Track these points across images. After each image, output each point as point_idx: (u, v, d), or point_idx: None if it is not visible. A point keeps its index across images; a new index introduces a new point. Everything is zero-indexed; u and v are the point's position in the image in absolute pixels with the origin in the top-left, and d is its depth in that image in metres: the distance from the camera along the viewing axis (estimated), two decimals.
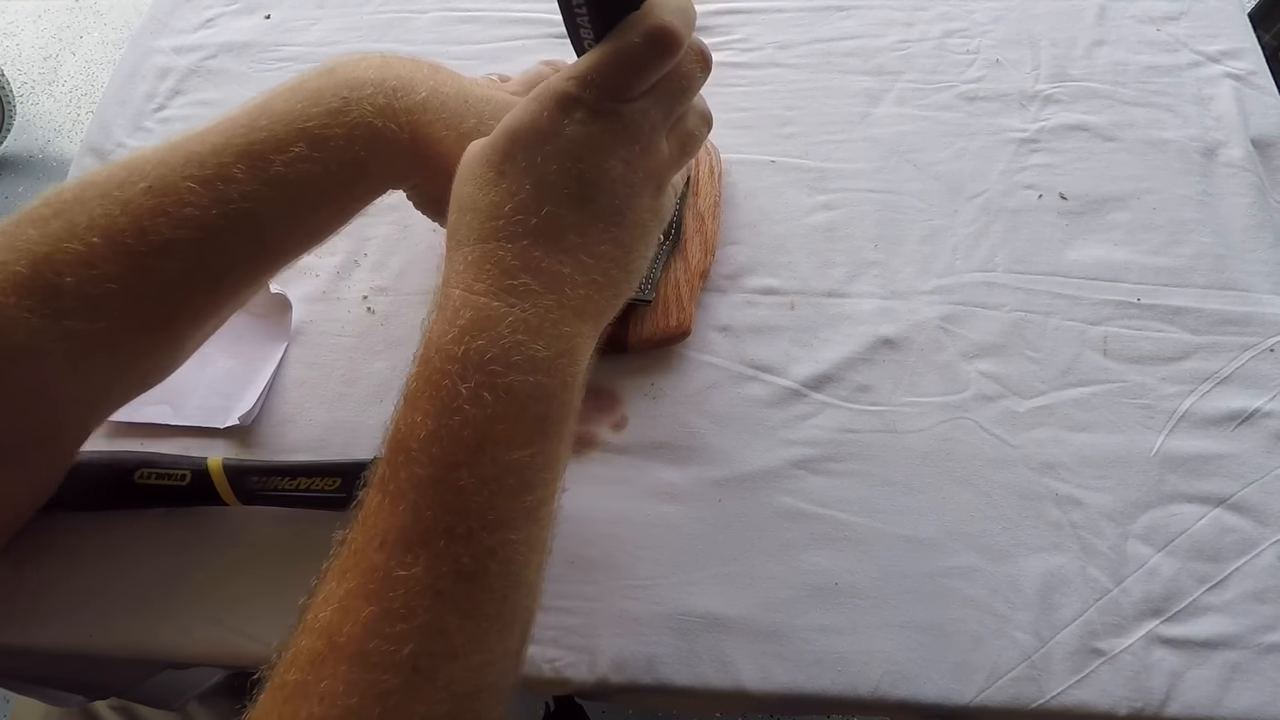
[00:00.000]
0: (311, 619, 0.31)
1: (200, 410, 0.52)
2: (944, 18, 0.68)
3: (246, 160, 0.38)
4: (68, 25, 2.00)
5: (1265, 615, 0.45)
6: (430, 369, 0.32)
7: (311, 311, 0.57)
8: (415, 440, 0.31)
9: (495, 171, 0.33)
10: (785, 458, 0.50)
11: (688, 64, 0.36)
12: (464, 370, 0.31)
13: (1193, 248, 0.57)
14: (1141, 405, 0.52)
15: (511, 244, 0.33)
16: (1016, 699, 0.44)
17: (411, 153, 0.41)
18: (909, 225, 0.59)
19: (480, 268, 0.33)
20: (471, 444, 0.31)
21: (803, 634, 0.46)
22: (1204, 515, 0.48)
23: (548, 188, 0.33)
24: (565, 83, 0.33)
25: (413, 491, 0.31)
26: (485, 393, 0.31)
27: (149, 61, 0.71)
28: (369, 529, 0.31)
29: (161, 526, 0.50)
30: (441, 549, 0.30)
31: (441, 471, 0.31)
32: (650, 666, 0.45)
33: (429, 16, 0.72)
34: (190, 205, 0.37)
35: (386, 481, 0.31)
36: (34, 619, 0.48)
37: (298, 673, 0.29)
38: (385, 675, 0.29)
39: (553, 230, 0.33)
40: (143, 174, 0.38)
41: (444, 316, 0.33)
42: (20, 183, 1.77)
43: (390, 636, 0.29)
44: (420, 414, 0.31)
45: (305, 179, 0.39)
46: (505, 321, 0.32)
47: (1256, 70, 0.65)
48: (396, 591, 0.29)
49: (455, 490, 0.31)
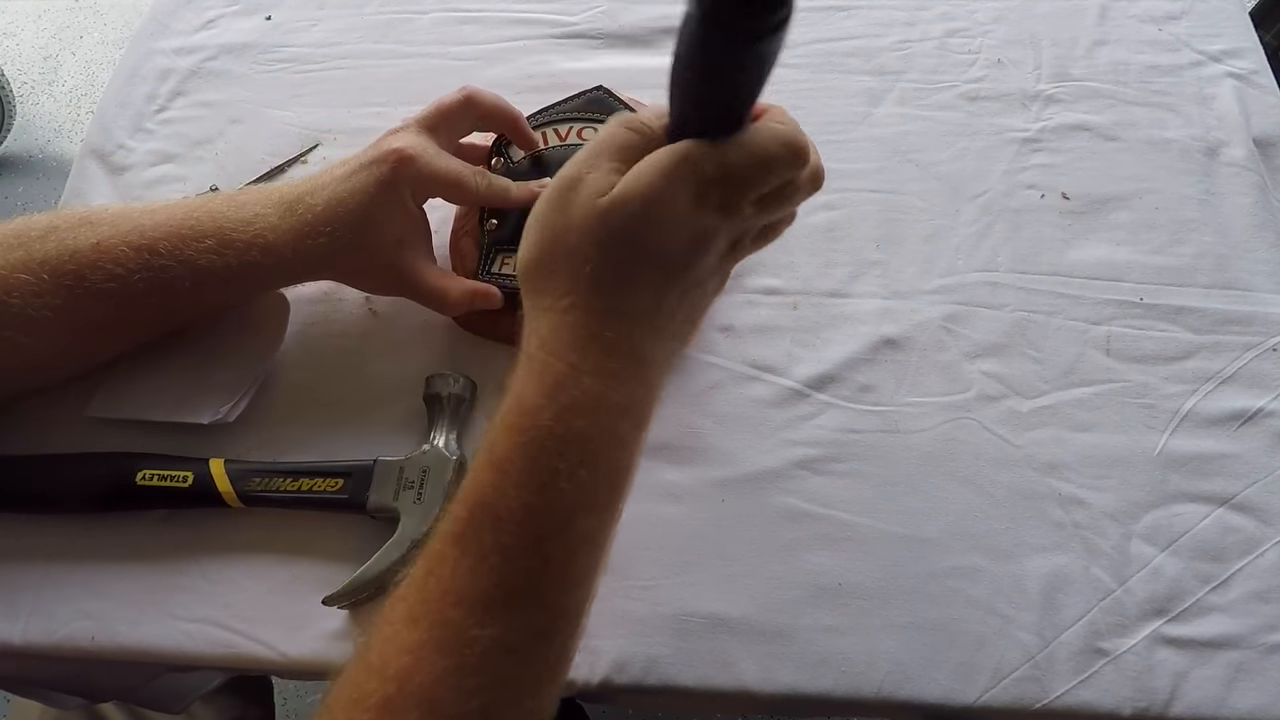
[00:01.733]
0: (379, 662, 0.32)
1: (184, 406, 0.52)
2: (945, 17, 0.68)
3: (171, 240, 0.46)
4: (68, 25, 2.00)
5: (1269, 615, 0.45)
6: (528, 441, 0.33)
7: (313, 313, 0.57)
8: (506, 509, 0.33)
9: (619, 242, 0.34)
10: (788, 458, 0.50)
11: (803, 178, 0.37)
12: (564, 449, 0.33)
13: (1195, 247, 0.57)
14: (1144, 405, 0.51)
15: (619, 324, 0.35)
16: (1020, 699, 0.44)
17: (295, 263, 0.48)
18: (911, 225, 0.59)
19: (588, 344, 0.34)
20: (562, 517, 0.33)
21: (806, 634, 0.46)
22: (1207, 515, 0.48)
23: (662, 273, 0.35)
24: (709, 167, 0.33)
25: (498, 557, 0.33)
26: (582, 470, 0.33)
27: (150, 62, 0.71)
28: (444, 583, 0.33)
29: (163, 528, 0.50)
30: (520, 612, 0.33)
31: (531, 542, 0.33)
32: (653, 667, 0.45)
33: (429, 17, 0.72)
34: (121, 266, 0.46)
35: (467, 540, 0.33)
36: (35, 621, 0.48)
37: (367, 714, 0.31)
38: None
39: (656, 315, 0.35)
40: (96, 230, 0.46)
41: (541, 388, 0.34)
42: (20, 183, 1.76)
43: (462, 689, 0.32)
44: (514, 486, 0.33)
45: (211, 266, 0.47)
46: (604, 405, 0.34)
47: (1258, 69, 0.65)
48: (472, 649, 0.32)
49: (542, 558, 0.33)
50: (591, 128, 0.58)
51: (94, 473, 0.50)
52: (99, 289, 0.45)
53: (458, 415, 0.51)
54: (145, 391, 0.53)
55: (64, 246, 0.46)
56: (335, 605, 0.46)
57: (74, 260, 0.45)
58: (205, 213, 0.48)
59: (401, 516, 0.47)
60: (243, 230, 0.47)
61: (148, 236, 0.46)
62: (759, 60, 0.32)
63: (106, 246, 0.46)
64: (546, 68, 0.68)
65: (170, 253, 0.46)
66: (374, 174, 0.48)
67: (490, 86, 0.66)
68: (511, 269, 0.53)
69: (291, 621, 0.47)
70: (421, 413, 0.52)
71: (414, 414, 0.52)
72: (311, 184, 0.49)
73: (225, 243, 0.47)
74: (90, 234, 0.46)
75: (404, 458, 0.49)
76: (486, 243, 0.54)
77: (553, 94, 0.60)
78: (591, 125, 0.58)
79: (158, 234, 0.46)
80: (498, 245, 0.54)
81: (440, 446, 0.49)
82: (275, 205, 0.48)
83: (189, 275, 0.47)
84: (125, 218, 0.47)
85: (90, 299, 0.45)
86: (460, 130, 0.53)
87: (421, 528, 0.46)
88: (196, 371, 0.53)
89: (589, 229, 0.34)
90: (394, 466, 0.48)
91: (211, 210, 0.48)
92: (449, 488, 0.48)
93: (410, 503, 0.47)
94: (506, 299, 0.54)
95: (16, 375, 0.49)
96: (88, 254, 0.45)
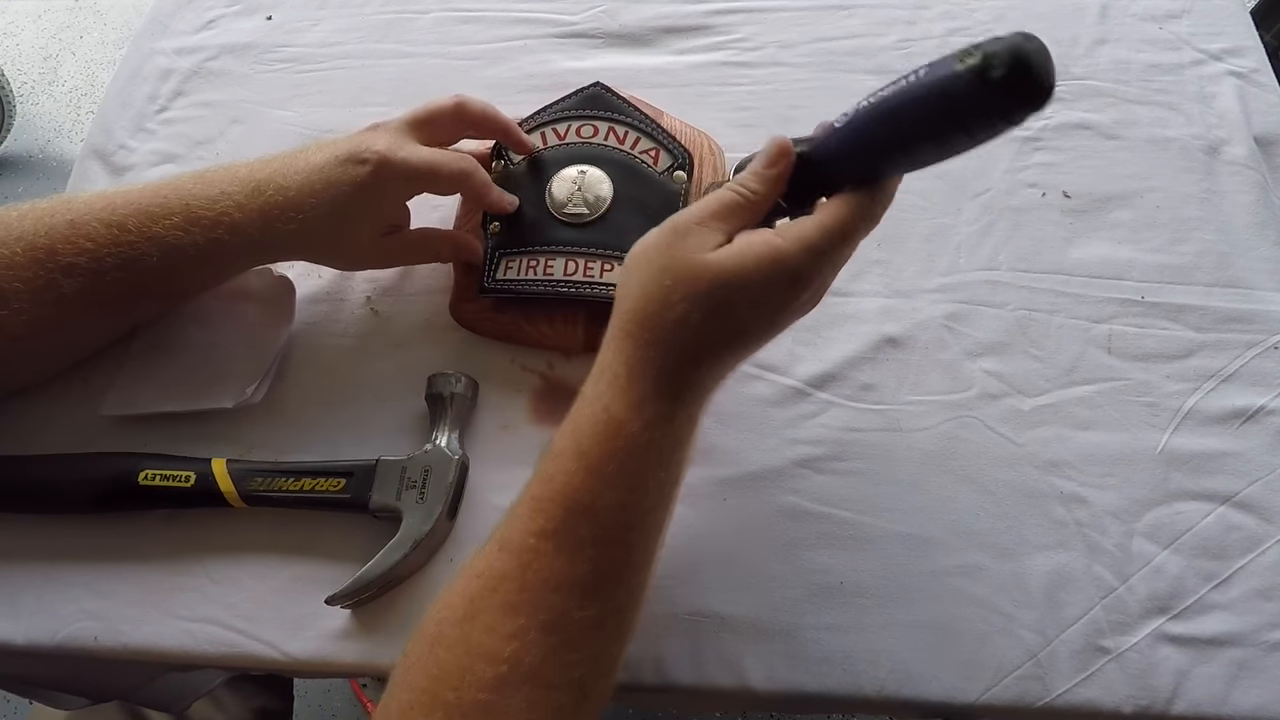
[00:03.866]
0: (486, 648, 0.35)
1: (205, 394, 0.53)
2: (946, 16, 0.68)
3: (139, 218, 0.48)
4: (68, 25, 2.00)
5: (1271, 612, 0.45)
6: (621, 448, 0.37)
7: (315, 312, 0.57)
8: (600, 509, 0.37)
9: (718, 304, 0.37)
10: (790, 457, 0.50)
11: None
12: (648, 455, 0.37)
13: (1196, 245, 0.57)
14: (1146, 403, 0.52)
15: (735, 363, 0.40)
16: (1022, 697, 0.44)
17: (262, 244, 0.49)
18: (912, 224, 0.59)
19: (678, 388, 0.38)
20: (645, 511, 0.38)
21: (808, 633, 0.46)
22: (1209, 513, 0.48)
23: (746, 338, 0.39)
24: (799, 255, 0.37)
25: (593, 549, 0.37)
26: (661, 472, 0.38)
27: (151, 63, 0.71)
28: (542, 574, 0.36)
29: (165, 528, 0.50)
30: (610, 594, 0.37)
31: (619, 533, 0.37)
32: (656, 666, 0.45)
33: (430, 17, 0.72)
34: (92, 241, 0.47)
35: (562, 536, 0.37)
36: (38, 621, 0.48)
37: (483, 693, 0.34)
38: (560, 695, 0.36)
39: (729, 364, 0.40)
40: (71, 209, 0.48)
41: (629, 402, 0.38)
42: (20, 182, 1.77)
43: (566, 664, 0.36)
44: (605, 485, 0.37)
45: (179, 244, 0.48)
46: (677, 420, 0.38)
47: (1259, 68, 0.65)
48: (573, 629, 0.36)
49: (626, 547, 0.38)
50: (590, 125, 0.57)
51: (96, 473, 0.50)
52: (69, 263, 0.47)
53: (460, 414, 0.51)
54: (159, 385, 0.53)
55: (40, 224, 0.47)
56: (338, 605, 0.46)
57: (48, 236, 0.47)
58: (173, 190, 0.49)
59: (404, 516, 0.47)
60: (209, 209, 0.48)
61: (118, 214, 0.48)
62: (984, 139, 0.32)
63: (80, 223, 0.47)
64: (547, 67, 0.68)
65: (138, 229, 0.47)
66: (352, 174, 0.48)
67: (491, 86, 0.66)
68: (516, 274, 0.53)
69: (294, 621, 0.47)
70: (423, 412, 0.52)
71: (416, 413, 0.52)
72: (283, 165, 0.49)
73: (192, 220, 0.48)
74: (66, 212, 0.48)
75: (406, 457, 0.49)
76: (490, 245, 0.54)
77: (553, 93, 0.60)
78: (590, 123, 0.57)
79: (127, 211, 0.48)
80: (501, 250, 0.54)
81: (442, 446, 0.49)
82: (242, 184, 0.49)
83: (156, 252, 0.48)
84: (100, 197, 0.49)
85: (60, 273, 0.47)
86: (447, 134, 0.53)
87: (424, 527, 0.46)
88: (209, 360, 0.54)
89: (689, 280, 0.37)
90: (396, 466, 0.48)
91: (179, 188, 0.49)
92: (451, 487, 0.48)
93: (413, 502, 0.47)
94: (509, 303, 0.54)
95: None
96: (62, 230, 0.47)
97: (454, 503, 0.49)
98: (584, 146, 0.56)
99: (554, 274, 0.52)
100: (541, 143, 0.57)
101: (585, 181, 0.54)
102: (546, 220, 0.54)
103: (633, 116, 0.57)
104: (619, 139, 0.57)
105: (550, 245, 0.53)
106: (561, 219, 0.54)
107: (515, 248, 0.54)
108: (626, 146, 0.56)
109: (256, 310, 0.55)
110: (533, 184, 0.56)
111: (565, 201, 0.54)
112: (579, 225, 0.53)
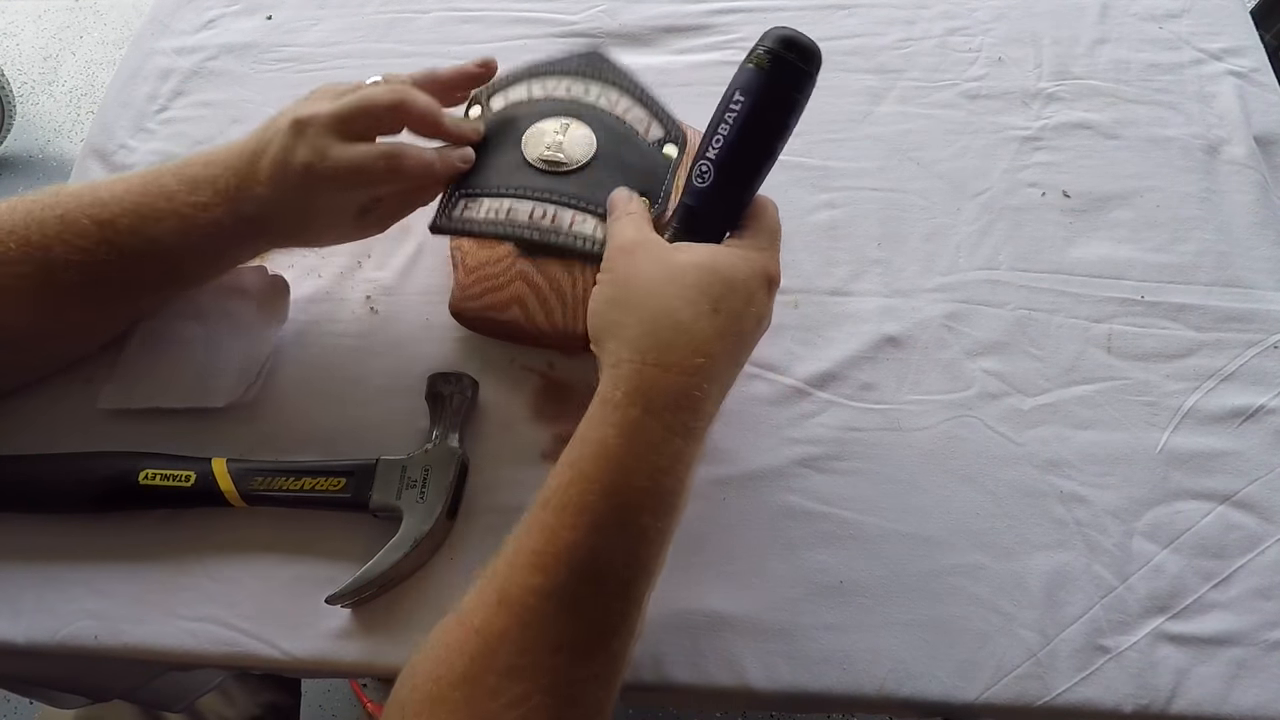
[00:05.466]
0: (488, 714, 0.35)
1: (199, 392, 0.53)
2: (946, 16, 0.68)
3: (131, 216, 0.47)
4: (68, 25, 2.00)
5: (1270, 612, 0.45)
6: (623, 503, 0.37)
7: (315, 312, 0.57)
8: (608, 568, 0.37)
9: (710, 306, 0.39)
10: (789, 456, 0.50)
11: None
12: (655, 506, 0.38)
13: (1196, 245, 0.57)
14: (1146, 402, 0.52)
15: (706, 385, 0.39)
16: (1022, 696, 0.44)
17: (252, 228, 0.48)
18: (912, 223, 0.59)
19: (679, 404, 0.38)
20: (645, 560, 0.38)
21: (808, 632, 0.46)
22: (1209, 512, 0.48)
23: (740, 339, 0.40)
24: (773, 268, 0.42)
25: (597, 612, 0.37)
26: (660, 521, 0.38)
27: (151, 62, 0.71)
28: (544, 635, 0.36)
29: (165, 527, 0.50)
30: (608, 648, 0.37)
31: (625, 588, 0.37)
32: (656, 665, 0.45)
33: (430, 16, 0.72)
34: (84, 238, 0.47)
35: (565, 597, 0.36)
36: (38, 620, 0.48)
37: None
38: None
39: (730, 373, 0.41)
40: (60, 204, 0.48)
41: (632, 448, 0.37)
42: (20, 183, 1.76)
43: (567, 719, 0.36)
44: (606, 543, 0.37)
45: (168, 239, 0.47)
46: (684, 460, 0.38)
47: (1259, 68, 0.65)
48: (575, 689, 0.36)
49: (632, 601, 0.38)
50: (582, 84, 0.54)
51: (96, 472, 0.50)
52: (67, 259, 0.47)
53: (460, 414, 0.51)
54: (154, 381, 0.53)
55: (31, 219, 0.47)
56: (338, 604, 0.46)
57: (41, 232, 0.47)
58: (157, 186, 0.48)
59: (404, 515, 0.47)
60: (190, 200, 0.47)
61: (109, 209, 0.47)
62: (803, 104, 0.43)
63: (70, 219, 0.47)
64: None
65: (130, 228, 0.47)
66: (280, 149, 0.47)
67: None
68: (478, 213, 0.49)
69: (294, 620, 0.47)
70: (423, 411, 0.52)
71: (416, 413, 0.52)
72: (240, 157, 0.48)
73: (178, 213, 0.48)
74: (56, 207, 0.47)
75: (406, 456, 0.49)
76: (451, 186, 0.51)
77: None
78: (583, 81, 0.54)
79: (117, 208, 0.47)
80: (462, 190, 0.51)
81: (442, 445, 0.49)
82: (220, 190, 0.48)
83: (147, 246, 0.47)
84: (92, 190, 0.48)
85: (61, 269, 0.47)
86: (385, 130, 0.50)
87: (424, 526, 0.46)
88: (203, 358, 0.54)
89: (684, 287, 0.39)
90: (396, 465, 0.49)
91: (163, 185, 0.48)
92: (451, 486, 0.48)
93: (413, 501, 0.47)
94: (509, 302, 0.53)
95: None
96: (54, 226, 0.47)
97: (454, 502, 0.49)
98: (572, 104, 0.53)
99: (518, 218, 0.49)
100: (528, 94, 0.54)
101: (568, 134, 0.51)
102: (518, 165, 0.50)
103: (629, 85, 0.54)
104: (610, 103, 0.53)
105: (519, 189, 0.50)
106: (536, 165, 0.50)
107: (478, 189, 0.50)
108: (618, 112, 0.53)
109: (250, 309, 0.55)
110: (510, 130, 0.52)
111: (543, 148, 0.50)
112: (555, 174, 0.50)
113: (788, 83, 0.42)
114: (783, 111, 0.43)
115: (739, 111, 0.42)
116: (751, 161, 0.43)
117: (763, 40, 0.43)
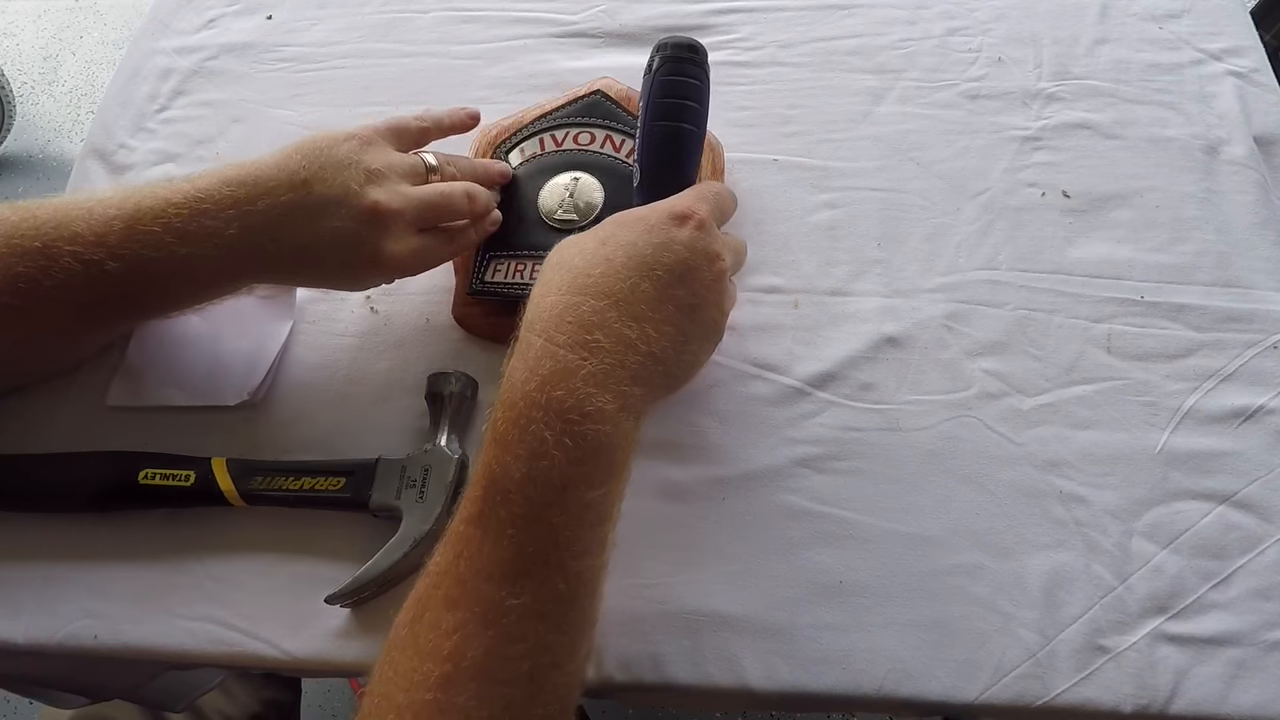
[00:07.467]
0: (430, 646, 0.35)
1: (208, 390, 0.53)
2: (946, 16, 0.68)
3: (124, 234, 0.45)
4: (68, 25, 2.00)
5: (1270, 612, 0.45)
6: (518, 414, 0.36)
7: (315, 311, 0.57)
8: (511, 482, 0.36)
9: (597, 242, 0.40)
10: (789, 456, 0.50)
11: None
12: (548, 418, 0.36)
13: (1196, 245, 0.57)
14: (1145, 403, 0.52)
15: (595, 300, 0.38)
16: (1021, 696, 0.44)
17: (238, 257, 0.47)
18: (912, 223, 0.59)
19: (562, 319, 0.38)
20: (559, 485, 0.36)
21: (807, 632, 0.46)
22: (1208, 512, 0.48)
23: (639, 263, 0.39)
24: (683, 205, 0.42)
25: (512, 528, 0.36)
26: (566, 439, 0.36)
27: (151, 62, 0.71)
28: (474, 563, 0.36)
29: (165, 527, 0.50)
30: (542, 578, 0.36)
31: (536, 510, 0.36)
32: (655, 665, 0.45)
33: (430, 16, 0.72)
34: (70, 259, 0.45)
35: (486, 519, 0.36)
36: (38, 620, 0.48)
37: (430, 693, 0.34)
38: (509, 689, 0.35)
39: (631, 298, 0.39)
40: (39, 232, 0.45)
41: (525, 363, 0.37)
42: (20, 183, 1.77)
43: (510, 657, 0.35)
44: (512, 457, 0.36)
45: (153, 263, 0.45)
46: (579, 374, 0.36)
47: (1259, 68, 0.65)
48: (510, 618, 0.35)
49: (549, 526, 0.36)
50: (588, 132, 0.58)
51: (96, 472, 0.50)
52: (60, 282, 0.45)
53: (460, 414, 0.51)
54: (163, 378, 0.53)
55: (12, 246, 0.45)
56: (338, 604, 0.46)
57: (24, 261, 0.45)
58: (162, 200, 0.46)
59: (404, 515, 0.47)
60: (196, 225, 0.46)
61: (91, 236, 0.45)
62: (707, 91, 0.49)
63: (51, 252, 0.45)
64: (547, 66, 0.68)
65: (120, 248, 0.45)
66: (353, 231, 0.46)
67: (491, 86, 0.67)
68: (504, 277, 0.54)
69: (294, 620, 0.47)
70: (423, 411, 0.52)
71: (416, 413, 0.52)
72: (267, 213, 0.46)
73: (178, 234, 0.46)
74: (34, 235, 0.45)
75: (406, 456, 0.49)
76: (481, 247, 0.55)
77: (553, 93, 0.60)
78: (588, 130, 0.58)
79: (108, 234, 0.45)
80: (492, 252, 0.55)
81: (442, 445, 0.49)
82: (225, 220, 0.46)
83: (132, 274, 0.46)
84: (71, 208, 0.46)
85: (55, 290, 0.45)
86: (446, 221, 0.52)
87: (424, 526, 0.46)
88: (212, 356, 0.54)
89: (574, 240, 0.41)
90: (396, 465, 0.49)
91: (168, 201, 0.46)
92: (451, 486, 0.48)
93: (412, 501, 0.47)
94: (508, 305, 0.54)
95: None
96: (35, 257, 0.45)
97: (453, 502, 0.48)
98: (580, 154, 0.58)
99: None
100: (540, 148, 0.58)
101: (578, 188, 0.56)
102: (537, 225, 0.55)
103: (628, 123, 0.58)
104: (615, 146, 0.58)
105: (539, 250, 0.54)
106: (551, 224, 0.55)
107: (505, 251, 0.55)
108: (622, 155, 0.57)
109: (258, 307, 0.56)
110: (528, 189, 0.57)
111: (556, 207, 0.55)
112: (569, 231, 0.54)
113: (671, 72, 0.47)
114: (673, 95, 0.47)
115: (642, 108, 0.48)
116: (667, 150, 0.48)
117: (659, 49, 0.48)
